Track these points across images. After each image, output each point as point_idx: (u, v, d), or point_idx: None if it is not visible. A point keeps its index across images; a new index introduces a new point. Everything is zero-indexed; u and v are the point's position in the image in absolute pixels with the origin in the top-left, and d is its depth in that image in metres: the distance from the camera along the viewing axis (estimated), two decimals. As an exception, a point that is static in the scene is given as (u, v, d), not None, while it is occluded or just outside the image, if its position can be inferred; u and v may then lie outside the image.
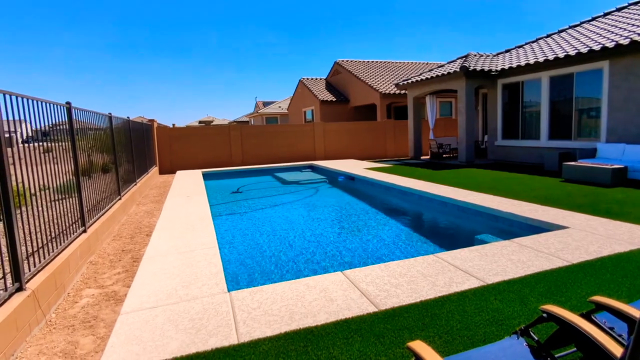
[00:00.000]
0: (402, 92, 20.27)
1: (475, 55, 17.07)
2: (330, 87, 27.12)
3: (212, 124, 42.25)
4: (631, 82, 10.34)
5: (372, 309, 3.33)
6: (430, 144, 17.32)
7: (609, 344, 1.70)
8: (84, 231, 5.38)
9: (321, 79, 28.69)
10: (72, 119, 5.38)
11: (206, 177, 14.34)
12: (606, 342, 1.71)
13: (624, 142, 10.44)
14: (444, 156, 17.06)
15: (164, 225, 6.65)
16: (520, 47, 16.38)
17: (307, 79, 28.35)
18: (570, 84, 12.22)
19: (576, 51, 11.34)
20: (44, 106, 4.40)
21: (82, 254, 4.93)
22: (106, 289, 4.29)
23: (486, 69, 14.37)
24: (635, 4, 13.83)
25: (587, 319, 2.02)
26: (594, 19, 14.46)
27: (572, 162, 9.77)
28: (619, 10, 14.08)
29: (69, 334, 3.34)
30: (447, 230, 7.66)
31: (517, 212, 6.40)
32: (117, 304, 3.87)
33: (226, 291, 3.82)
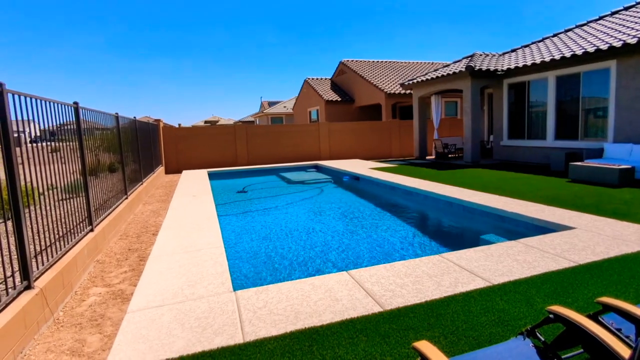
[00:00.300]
0: (408, 92, 20.23)
1: (480, 54, 17.00)
2: (335, 87, 27.11)
3: (218, 124, 42.38)
4: (639, 81, 10.25)
5: (377, 309, 3.33)
6: (435, 144, 17.27)
7: (617, 345, 1.69)
8: (91, 230, 5.42)
9: (326, 79, 28.69)
10: (79, 118, 5.42)
11: (212, 176, 14.39)
12: (613, 343, 1.71)
13: (632, 142, 10.35)
14: (450, 156, 17.01)
15: (170, 224, 6.69)
16: (526, 46, 16.30)
17: (312, 78, 28.36)
18: (577, 83, 12.13)
19: (583, 50, 11.26)
20: (52, 106, 4.44)
21: (90, 253, 4.97)
22: (113, 287, 4.32)
23: (492, 68, 14.30)
24: (643, 2, 13.71)
25: (594, 320, 2.01)
26: (601, 18, 14.35)
27: (579, 162, 9.71)
28: (626, 9, 13.96)
29: (77, 332, 3.38)
30: (453, 230, 7.64)
31: (523, 213, 6.37)
32: (124, 302, 3.90)
33: (232, 290, 3.83)
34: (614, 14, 14.13)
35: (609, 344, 1.70)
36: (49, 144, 4.45)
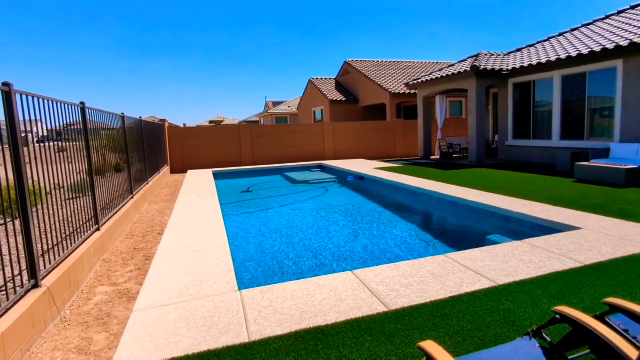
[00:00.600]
0: (412, 91, 20.18)
1: (486, 54, 16.93)
2: (339, 87, 27.10)
3: (223, 124, 42.49)
4: (646, 81, 10.18)
5: (382, 309, 3.33)
6: (439, 143, 17.21)
7: (624, 347, 1.69)
8: (98, 229, 5.46)
9: (331, 79, 28.68)
10: (86, 118, 5.46)
11: (217, 176, 14.43)
12: (621, 344, 1.70)
13: (638, 143, 10.26)
14: (454, 156, 16.95)
15: (175, 224, 6.72)
16: (531, 46, 16.21)
17: (317, 78, 28.36)
18: (583, 83, 12.06)
19: (589, 50, 11.18)
20: (59, 106, 4.47)
21: (96, 252, 5.01)
22: (119, 286, 4.35)
23: (497, 68, 14.24)
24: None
25: (601, 320, 2.00)
26: (607, 17, 14.25)
27: (585, 162, 9.64)
28: (633, 8, 13.86)
29: (83, 330, 3.40)
30: (458, 230, 7.62)
31: (529, 213, 6.34)
32: (130, 301, 3.92)
33: (237, 290, 3.85)
34: (620, 13, 14.03)
35: (617, 345, 1.70)
36: (55, 143, 4.49)
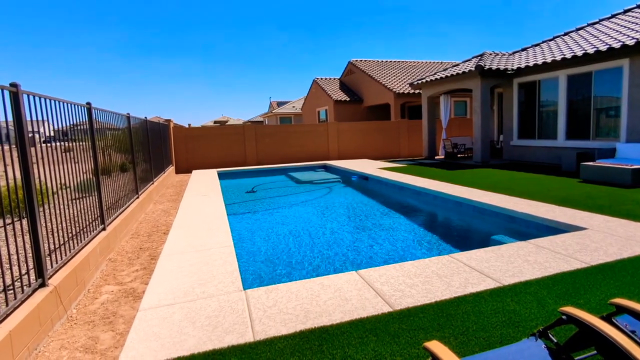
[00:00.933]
0: (417, 91, 20.13)
1: (490, 54, 16.87)
2: (344, 86, 27.09)
3: (227, 124, 42.58)
4: (653, 80, 10.10)
5: (386, 309, 3.33)
6: (444, 143, 17.16)
7: (632, 348, 1.68)
8: (104, 229, 5.49)
9: (335, 79, 28.67)
10: (92, 119, 5.49)
11: (221, 176, 14.47)
12: (628, 345, 1.69)
13: (645, 142, 10.20)
14: (459, 156, 16.90)
15: (180, 223, 6.74)
16: (536, 45, 16.13)
17: (321, 78, 28.36)
18: (588, 82, 11.98)
19: (595, 49, 11.11)
20: (66, 106, 4.50)
21: (102, 251, 5.04)
22: (125, 285, 4.37)
23: (502, 68, 14.18)
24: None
25: (608, 321, 1.99)
26: (613, 16, 14.16)
27: (591, 162, 9.59)
28: (639, 7, 13.76)
29: (90, 329, 3.42)
30: (462, 230, 7.60)
31: (534, 213, 6.32)
32: (136, 300, 3.94)
33: (242, 289, 3.86)
34: (626, 11, 13.93)
35: (624, 346, 1.69)
36: (62, 143, 4.52)
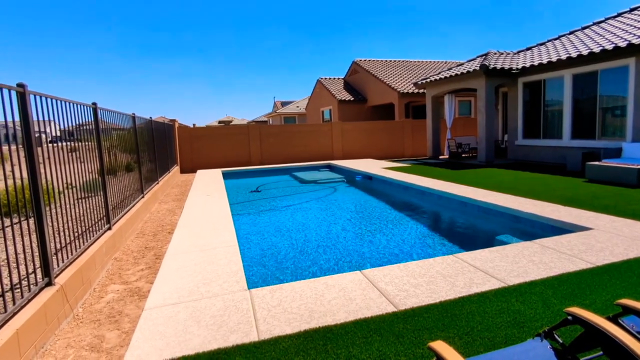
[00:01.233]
0: (421, 91, 20.09)
1: (495, 53, 16.80)
2: (348, 86, 27.07)
3: (232, 124, 42.67)
4: (659, 79, 10.02)
5: (391, 309, 3.33)
6: (448, 143, 17.11)
7: (638, 349, 1.67)
8: (109, 228, 5.52)
9: (339, 79, 28.66)
10: (97, 119, 5.52)
11: (226, 176, 14.51)
12: (635, 346, 1.68)
13: (652, 142, 10.13)
14: (463, 156, 16.84)
15: (185, 223, 6.77)
16: (541, 44, 16.05)
17: (325, 78, 28.36)
18: (594, 81, 11.91)
19: (601, 48, 11.04)
20: (72, 107, 4.53)
21: (108, 251, 5.07)
22: (130, 285, 4.40)
23: (506, 67, 14.12)
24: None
25: (614, 322, 1.98)
26: (619, 15, 14.07)
27: (596, 162, 9.53)
28: (646, 5, 13.67)
29: (95, 328, 3.45)
30: (467, 230, 7.57)
31: (539, 213, 6.29)
32: (141, 299, 3.97)
33: (246, 289, 3.87)
34: (632, 10, 13.83)
35: (631, 348, 1.68)
36: (68, 143, 4.55)
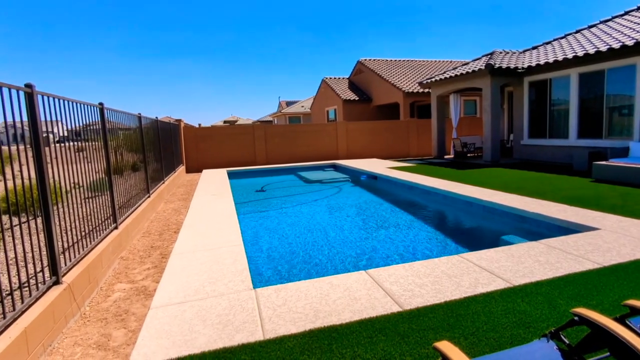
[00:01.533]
0: (426, 90, 20.03)
1: (500, 52, 16.71)
2: (353, 86, 27.05)
3: (237, 124, 42.78)
4: (667, 78, 9.93)
5: (396, 309, 3.33)
6: (454, 143, 17.05)
7: (644, 349, 1.66)
8: (116, 228, 5.56)
9: (344, 78, 28.64)
10: (104, 119, 5.56)
11: (231, 175, 14.54)
12: (641, 346, 1.67)
13: (659, 141, 10.04)
14: (469, 155, 16.78)
15: (191, 222, 6.80)
16: (547, 43, 15.95)
17: (330, 78, 28.35)
18: (600, 80, 11.83)
19: (608, 47, 10.96)
20: (79, 107, 4.57)
21: (114, 250, 5.10)
22: (136, 283, 4.43)
23: (512, 66, 14.05)
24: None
25: (621, 323, 1.97)
26: (626, 13, 13.95)
27: (603, 162, 9.46)
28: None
29: (102, 326, 3.47)
30: (472, 230, 7.55)
31: (545, 213, 6.26)
32: (147, 298, 3.99)
33: (252, 288, 3.88)
34: (639, 8, 13.73)
35: (639, 349, 1.67)
36: (75, 143, 4.58)
